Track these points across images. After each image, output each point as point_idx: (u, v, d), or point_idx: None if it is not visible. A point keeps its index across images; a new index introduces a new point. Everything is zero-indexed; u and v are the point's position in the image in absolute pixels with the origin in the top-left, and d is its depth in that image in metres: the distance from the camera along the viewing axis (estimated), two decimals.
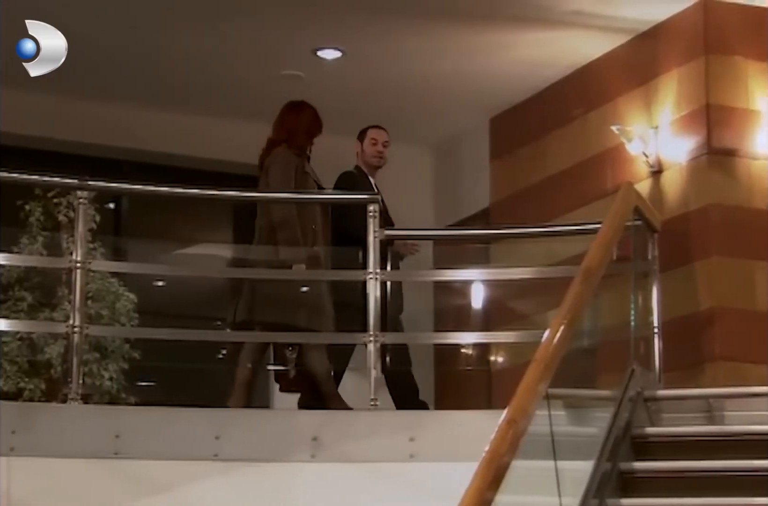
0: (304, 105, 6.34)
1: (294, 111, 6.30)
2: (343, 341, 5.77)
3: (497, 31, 7.49)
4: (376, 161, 6.51)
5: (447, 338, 5.77)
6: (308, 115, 6.26)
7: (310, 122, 6.25)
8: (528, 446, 4.17)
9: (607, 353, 5.36)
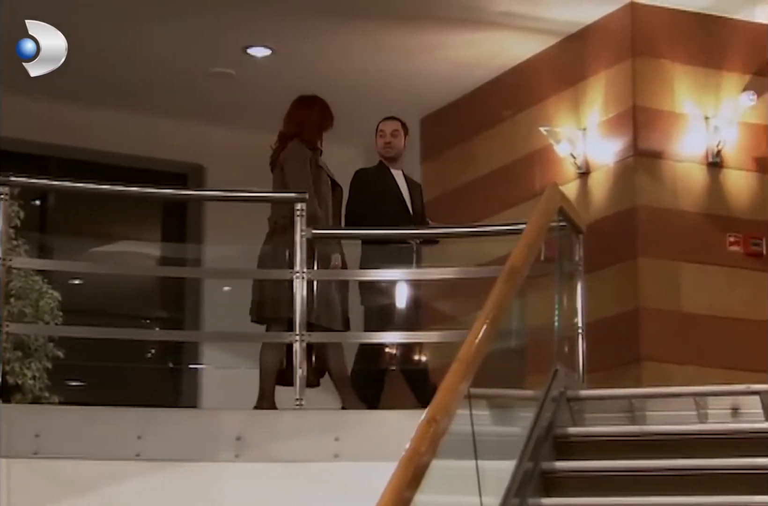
0: (314, 99, 6.33)
1: (304, 105, 6.29)
2: (272, 339, 5.74)
3: (427, 32, 7.51)
4: (384, 152, 6.50)
5: (373, 337, 5.74)
6: (318, 109, 6.25)
7: (321, 116, 6.23)
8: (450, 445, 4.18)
9: (531, 353, 5.37)
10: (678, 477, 4.57)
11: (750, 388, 4.90)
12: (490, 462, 4.36)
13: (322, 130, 6.20)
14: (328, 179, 6.10)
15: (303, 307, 5.44)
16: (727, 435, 4.71)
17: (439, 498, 4.04)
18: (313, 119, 6.19)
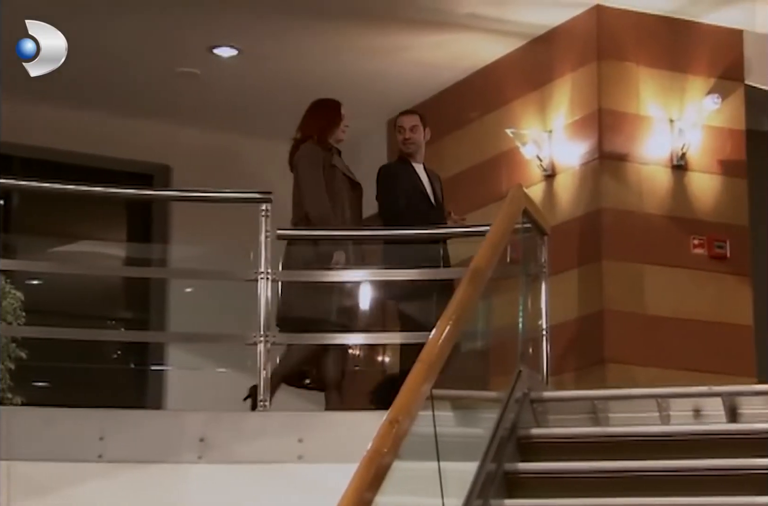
0: (325, 101, 6.38)
1: (314, 107, 6.33)
2: (233, 341, 5.72)
3: (394, 33, 7.51)
4: (405, 147, 6.42)
5: (336, 339, 5.73)
6: (329, 110, 6.28)
7: (331, 117, 6.24)
8: (412, 446, 4.18)
9: (496, 355, 5.39)
10: (640, 478, 4.60)
11: (712, 390, 4.92)
12: (453, 463, 4.37)
13: (332, 130, 6.19)
14: (344, 178, 6.10)
15: (267, 308, 5.43)
16: (689, 437, 4.74)
17: (402, 499, 4.04)
18: (324, 120, 6.21)
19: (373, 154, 9.05)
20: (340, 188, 6.05)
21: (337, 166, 6.10)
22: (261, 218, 5.50)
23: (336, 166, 6.09)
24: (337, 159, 6.14)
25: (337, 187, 6.04)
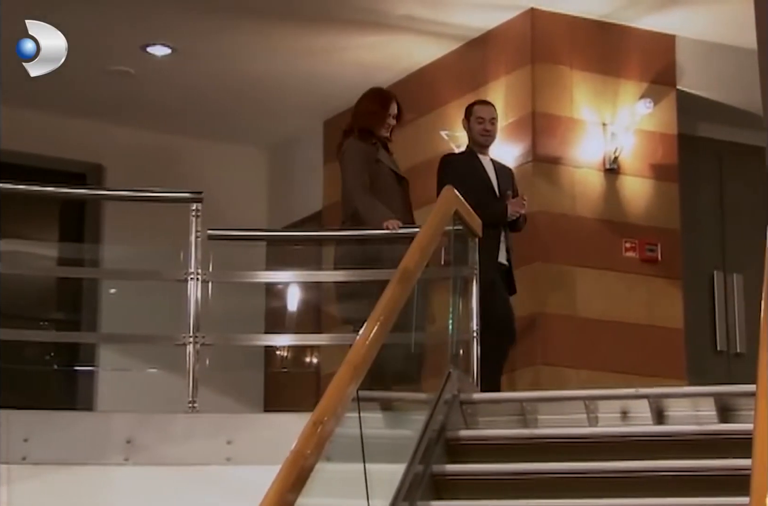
0: (373, 92, 6.17)
1: (362, 99, 6.12)
2: (162, 342, 5.67)
3: (331, 34, 7.50)
4: (483, 139, 6.22)
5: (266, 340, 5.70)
6: (374, 103, 6.03)
7: (376, 109, 5.99)
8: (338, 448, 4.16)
9: (427, 356, 5.38)
10: (568, 480, 4.60)
11: (639, 392, 4.94)
12: (381, 465, 4.36)
13: (379, 123, 5.93)
14: (390, 173, 5.91)
15: (197, 309, 5.38)
16: (617, 439, 4.76)
17: (327, 501, 4.02)
18: (367, 113, 5.98)
19: (308, 155, 9.04)
20: (387, 183, 5.88)
21: (382, 160, 5.90)
22: (192, 218, 5.45)
23: (381, 160, 5.89)
24: (382, 153, 5.93)
25: (384, 183, 5.87)
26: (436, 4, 7.09)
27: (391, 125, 5.97)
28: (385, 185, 5.82)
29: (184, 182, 7.28)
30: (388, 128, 5.98)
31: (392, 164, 5.95)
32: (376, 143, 5.91)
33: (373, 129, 5.89)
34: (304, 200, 9.03)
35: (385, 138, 5.96)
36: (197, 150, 8.97)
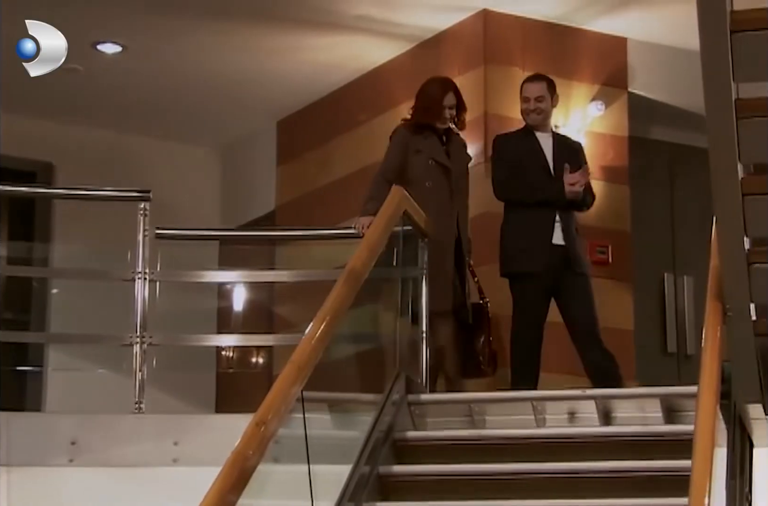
0: (430, 83, 6.03)
1: (421, 92, 5.99)
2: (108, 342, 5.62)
3: (283, 34, 7.46)
4: (530, 119, 6.00)
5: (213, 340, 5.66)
6: (421, 92, 5.97)
7: (420, 99, 5.93)
8: (286, 449, 4.14)
9: (376, 357, 5.37)
10: (515, 480, 4.61)
11: (585, 393, 4.96)
12: (327, 466, 4.34)
13: (433, 117, 5.83)
14: (432, 163, 5.78)
15: (144, 309, 5.34)
16: (564, 440, 4.77)
17: (270, 502, 4.00)
18: (419, 102, 5.93)
19: (262, 155, 9.00)
20: (420, 174, 5.76)
21: (423, 151, 5.79)
22: (139, 216, 5.41)
23: (422, 151, 5.78)
24: (427, 144, 5.81)
25: (415, 174, 5.76)
26: (390, 5, 7.07)
27: (448, 117, 5.88)
28: (417, 177, 5.75)
29: (136, 181, 7.21)
30: (446, 119, 5.89)
31: (439, 154, 5.81)
32: (424, 131, 5.83)
33: (424, 119, 5.84)
34: (257, 200, 8.99)
35: (444, 129, 5.89)
36: (150, 149, 8.91)
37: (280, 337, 5.83)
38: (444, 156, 5.84)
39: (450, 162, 5.85)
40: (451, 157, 5.87)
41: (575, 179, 5.81)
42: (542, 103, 5.98)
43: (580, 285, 5.87)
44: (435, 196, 5.70)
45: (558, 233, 5.84)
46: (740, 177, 3.56)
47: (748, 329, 3.83)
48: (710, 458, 3.09)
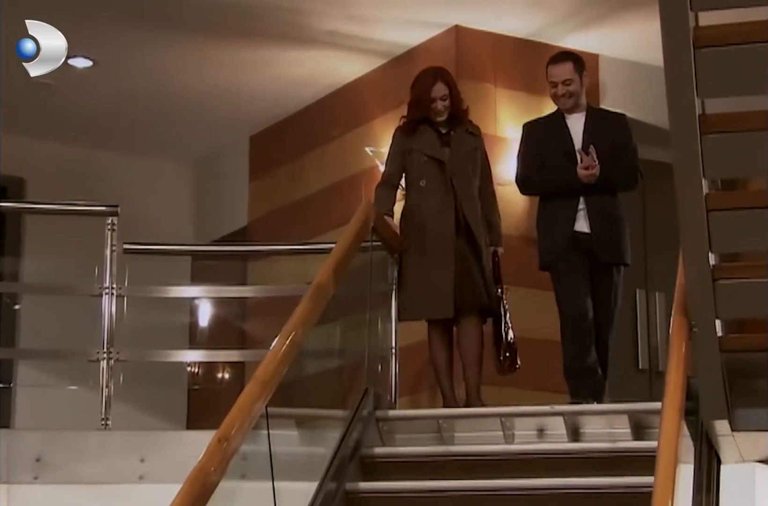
0: (416, 78, 5.71)
1: (411, 88, 5.67)
2: (75, 357, 5.57)
3: (256, 48, 7.45)
4: (561, 104, 5.59)
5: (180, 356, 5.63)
6: (413, 82, 5.65)
7: (413, 89, 5.62)
8: (247, 465, 4.10)
9: (345, 373, 5.34)
10: (483, 497, 4.58)
11: (554, 409, 4.94)
12: (293, 483, 4.30)
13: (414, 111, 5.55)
14: (424, 160, 5.48)
15: (111, 324, 5.31)
16: (532, 456, 4.74)
17: None
18: (411, 104, 5.62)
19: (234, 170, 8.98)
20: (417, 174, 5.51)
21: (416, 149, 5.50)
22: (107, 231, 5.38)
23: (415, 150, 5.51)
24: (421, 141, 5.50)
25: (417, 172, 5.52)
26: (362, 21, 7.07)
27: (441, 109, 5.53)
28: (413, 177, 5.54)
29: (108, 196, 7.16)
30: (440, 112, 5.54)
31: (433, 149, 5.47)
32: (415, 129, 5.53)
33: (414, 116, 5.55)
34: (230, 215, 8.97)
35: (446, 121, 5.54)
36: (122, 164, 8.88)
37: (248, 353, 5.78)
38: (439, 150, 5.49)
39: (448, 153, 5.48)
40: (453, 146, 5.51)
41: (588, 163, 5.40)
42: (571, 86, 5.54)
43: (603, 279, 5.52)
44: (431, 194, 5.46)
45: (582, 220, 5.46)
46: (705, 193, 3.56)
47: (714, 345, 3.82)
48: (673, 474, 3.07)
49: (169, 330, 7.65)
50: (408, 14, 7.02)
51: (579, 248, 5.47)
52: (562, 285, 5.53)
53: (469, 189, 5.50)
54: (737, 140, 3.48)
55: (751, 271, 3.70)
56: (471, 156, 5.56)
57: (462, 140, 5.55)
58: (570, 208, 5.49)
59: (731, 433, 4.09)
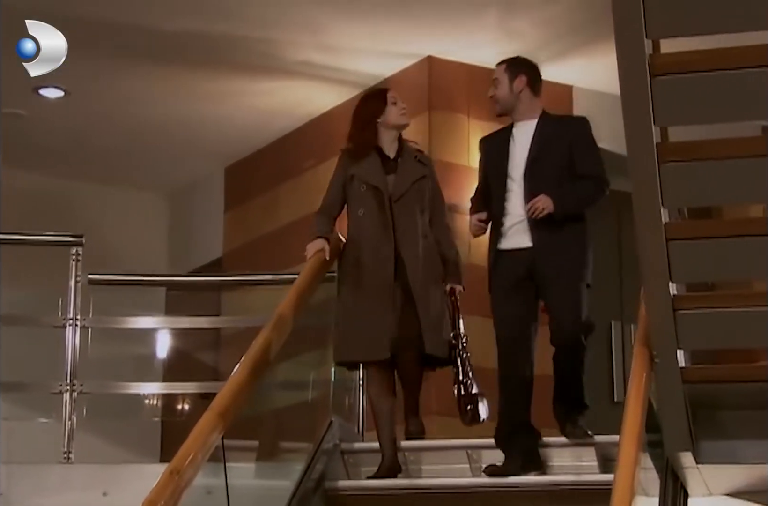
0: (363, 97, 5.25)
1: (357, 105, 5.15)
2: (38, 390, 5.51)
3: (229, 79, 7.44)
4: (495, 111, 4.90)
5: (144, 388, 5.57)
6: (360, 103, 5.12)
7: (363, 103, 5.10)
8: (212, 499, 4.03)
9: (306, 405, 5.27)
10: None
11: None
12: None
13: (355, 137, 5.05)
14: (363, 189, 4.94)
15: (75, 357, 5.25)
16: (499, 488, 4.68)
17: None
18: (355, 117, 5.10)
19: (209, 201, 8.95)
20: (355, 203, 4.98)
21: (356, 175, 4.98)
22: (72, 262, 5.33)
23: (356, 176, 4.98)
24: (362, 166, 4.97)
25: (352, 203, 4.99)
26: (334, 51, 7.07)
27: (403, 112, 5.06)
28: (356, 205, 4.97)
29: (80, 227, 7.09)
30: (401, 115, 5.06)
31: (374, 177, 4.93)
32: (357, 154, 5.02)
33: (354, 142, 5.05)
34: (204, 246, 8.93)
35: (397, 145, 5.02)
36: (95, 195, 8.84)
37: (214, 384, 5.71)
38: (380, 177, 4.93)
39: (392, 181, 4.94)
40: (398, 174, 4.97)
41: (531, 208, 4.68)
42: (498, 89, 4.85)
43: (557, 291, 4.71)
44: (369, 226, 4.91)
45: (521, 234, 4.72)
46: (664, 221, 3.52)
47: (676, 375, 3.78)
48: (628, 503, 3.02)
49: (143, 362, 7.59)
50: (381, 45, 7.02)
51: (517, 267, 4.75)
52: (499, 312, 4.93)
53: (411, 221, 4.93)
54: (696, 169, 3.45)
55: (713, 300, 3.67)
56: (418, 186, 5.00)
57: (409, 168, 5.01)
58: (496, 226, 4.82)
59: (696, 466, 4.04)
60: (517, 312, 4.76)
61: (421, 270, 4.90)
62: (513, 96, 4.85)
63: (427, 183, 5.06)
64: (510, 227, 4.76)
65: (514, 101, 4.86)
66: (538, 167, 4.74)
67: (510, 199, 4.78)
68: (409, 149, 5.09)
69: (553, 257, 4.71)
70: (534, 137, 4.80)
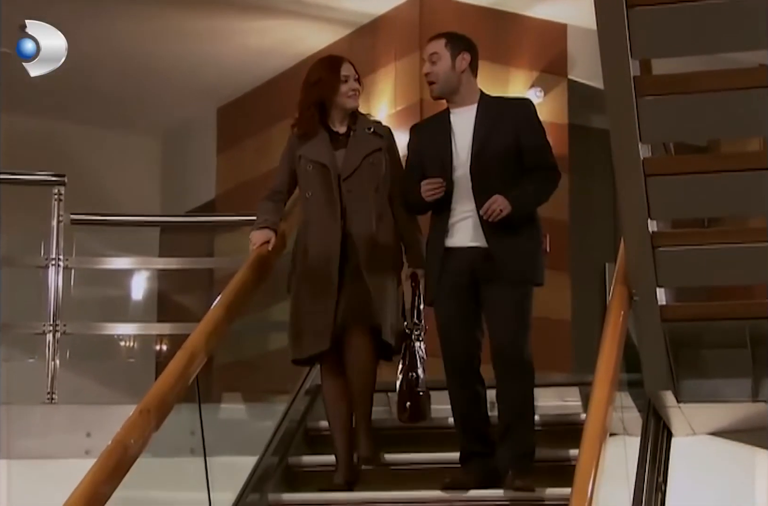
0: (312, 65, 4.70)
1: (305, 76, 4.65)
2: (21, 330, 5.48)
3: (222, 17, 7.35)
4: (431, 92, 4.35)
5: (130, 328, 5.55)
6: (308, 75, 4.64)
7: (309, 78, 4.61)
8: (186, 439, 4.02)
9: None
10: None
11: None
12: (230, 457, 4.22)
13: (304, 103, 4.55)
14: (310, 168, 4.46)
15: (57, 297, 5.22)
16: None
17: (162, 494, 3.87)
18: (303, 92, 4.61)
19: (202, 143, 8.87)
20: (303, 185, 4.52)
21: (303, 155, 4.50)
22: (54, 201, 5.28)
23: (302, 155, 4.50)
24: (309, 146, 4.50)
25: (306, 181, 4.50)
26: None
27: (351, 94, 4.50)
28: (305, 187, 4.52)
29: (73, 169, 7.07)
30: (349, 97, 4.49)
31: (322, 155, 4.46)
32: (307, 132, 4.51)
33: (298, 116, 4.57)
34: (197, 188, 8.87)
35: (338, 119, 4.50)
36: (87, 137, 8.76)
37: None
38: (327, 154, 4.46)
39: (341, 158, 4.47)
40: (348, 149, 4.48)
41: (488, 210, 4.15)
42: (435, 65, 4.29)
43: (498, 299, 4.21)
44: (315, 207, 4.46)
45: (469, 231, 4.22)
46: (642, 157, 3.46)
47: (655, 314, 3.74)
48: (598, 444, 2.98)
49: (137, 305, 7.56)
50: None
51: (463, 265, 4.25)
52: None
53: (362, 200, 4.42)
54: (675, 102, 3.37)
55: (692, 238, 3.61)
56: (372, 160, 4.46)
57: (361, 142, 4.47)
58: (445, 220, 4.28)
59: (678, 405, 4.00)
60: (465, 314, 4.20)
61: (373, 254, 4.38)
62: (455, 75, 4.31)
63: (382, 156, 4.49)
64: (455, 223, 4.23)
65: (455, 83, 4.31)
66: (484, 159, 4.22)
67: (455, 193, 4.23)
68: (364, 121, 4.53)
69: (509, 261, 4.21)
70: (476, 126, 4.26)
